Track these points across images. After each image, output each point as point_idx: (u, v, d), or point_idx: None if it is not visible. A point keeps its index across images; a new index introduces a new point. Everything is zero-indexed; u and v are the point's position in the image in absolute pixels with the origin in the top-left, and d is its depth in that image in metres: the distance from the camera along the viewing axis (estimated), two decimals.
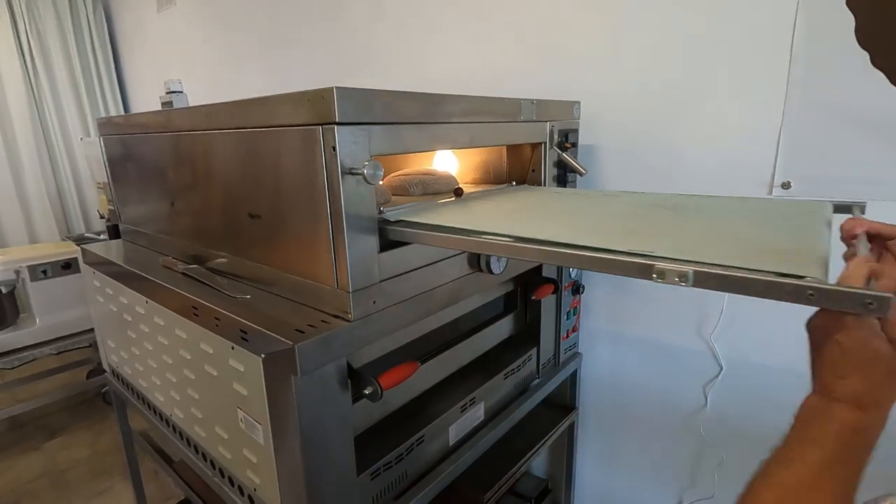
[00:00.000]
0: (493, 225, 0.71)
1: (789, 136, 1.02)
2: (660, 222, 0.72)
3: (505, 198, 0.96)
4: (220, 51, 2.48)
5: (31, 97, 2.96)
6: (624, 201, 0.88)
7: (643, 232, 0.67)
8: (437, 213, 0.81)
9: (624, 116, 1.24)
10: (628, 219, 0.75)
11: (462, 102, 0.87)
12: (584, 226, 0.72)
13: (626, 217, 0.77)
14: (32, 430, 2.41)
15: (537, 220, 0.79)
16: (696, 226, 0.69)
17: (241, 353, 0.76)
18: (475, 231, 0.68)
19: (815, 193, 1.00)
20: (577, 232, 0.66)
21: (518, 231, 0.66)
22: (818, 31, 0.95)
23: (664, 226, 0.70)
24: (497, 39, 1.44)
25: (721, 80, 1.08)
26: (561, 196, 0.97)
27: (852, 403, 0.42)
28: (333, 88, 0.64)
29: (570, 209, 0.85)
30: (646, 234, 0.65)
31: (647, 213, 0.79)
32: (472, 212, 0.84)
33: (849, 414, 0.42)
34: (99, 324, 1.37)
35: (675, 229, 0.68)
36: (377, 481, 0.85)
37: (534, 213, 0.85)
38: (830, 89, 0.96)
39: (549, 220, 0.78)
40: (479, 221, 0.75)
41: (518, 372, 1.19)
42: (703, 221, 0.71)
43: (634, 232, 0.67)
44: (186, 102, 1.95)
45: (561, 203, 0.90)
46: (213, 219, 0.97)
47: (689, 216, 0.74)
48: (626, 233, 0.66)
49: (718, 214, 0.75)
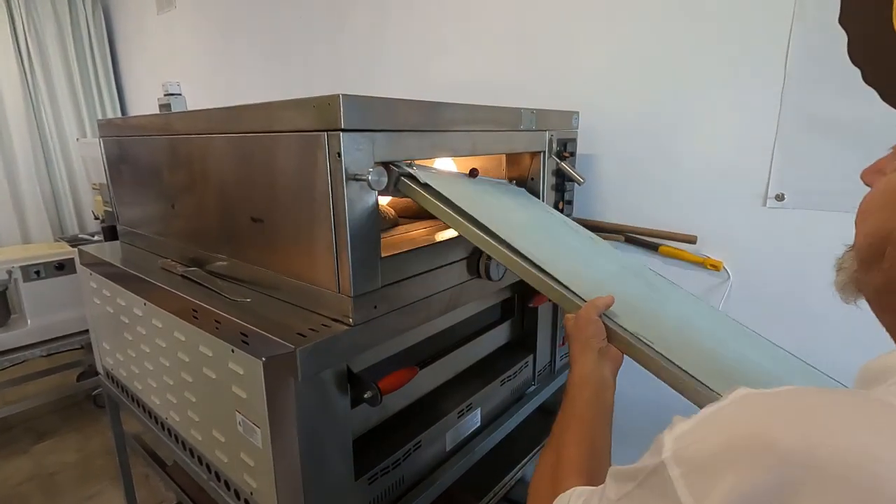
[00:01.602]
0: (512, 237, 0.78)
1: (783, 150, 1.04)
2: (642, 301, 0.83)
3: (513, 203, 1.00)
4: (219, 54, 2.49)
5: (27, 97, 2.95)
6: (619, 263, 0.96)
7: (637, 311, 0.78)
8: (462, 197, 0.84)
9: (621, 128, 1.26)
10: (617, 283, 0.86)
11: (463, 111, 0.88)
12: (589, 276, 0.82)
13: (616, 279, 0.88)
14: (21, 432, 2.38)
15: (549, 247, 0.87)
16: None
17: (242, 356, 0.76)
18: (499, 238, 0.77)
19: (808, 206, 1.02)
20: (580, 282, 0.77)
21: (533, 253, 0.76)
22: (811, 48, 0.97)
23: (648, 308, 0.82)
24: (497, 50, 1.46)
25: (717, 93, 1.10)
26: (564, 228, 1.02)
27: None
28: (339, 95, 0.64)
29: (576, 249, 0.93)
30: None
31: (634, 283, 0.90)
32: (484, 203, 0.89)
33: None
34: (94, 326, 1.36)
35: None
36: (374, 486, 0.85)
37: (544, 237, 0.91)
38: (823, 104, 0.98)
39: (559, 255, 0.85)
40: (496, 223, 0.80)
41: (514, 378, 1.19)
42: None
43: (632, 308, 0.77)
44: (184, 105, 1.95)
45: (567, 238, 0.97)
46: (214, 222, 0.97)
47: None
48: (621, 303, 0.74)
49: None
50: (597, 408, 0.63)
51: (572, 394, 0.65)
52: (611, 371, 0.67)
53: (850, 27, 0.93)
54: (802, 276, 1.06)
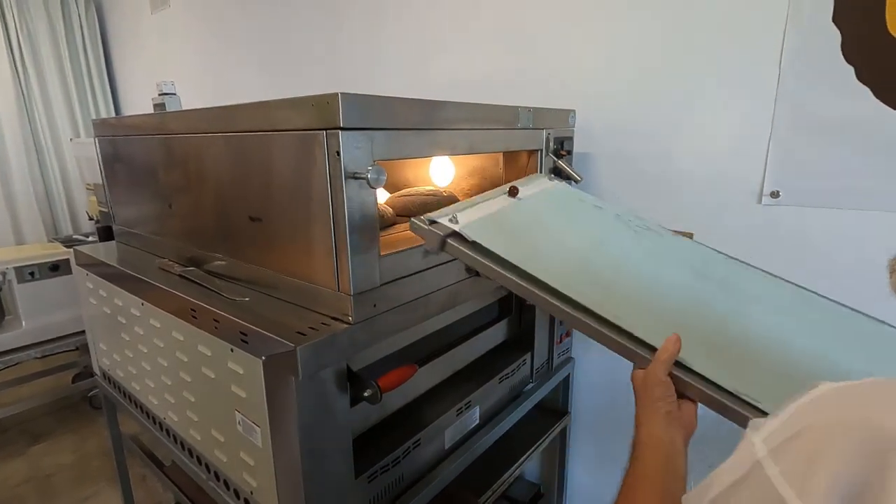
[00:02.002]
0: (568, 279, 0.70)
1: (778, 147, 1.04)
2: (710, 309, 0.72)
3: (563, 218, 0.91)
4: (213, 54, 2.48)
5: (20, 96, 2.92)
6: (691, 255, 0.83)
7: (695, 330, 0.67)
8: (512, 240, 0.77)
9: (618, 126, 1.26)
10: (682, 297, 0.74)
11: (461, 109, 0.88)
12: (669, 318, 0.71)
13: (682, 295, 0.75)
14: (16, 434, 2.36)
15: (610, 273, 0.76)
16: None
17: (241, 355, 0.76)
18: (567, 298, 0.68)
19: (803, 203, 1.03)
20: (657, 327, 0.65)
21: (589, 295, 0.68)
22: (806, 46, 0.98)
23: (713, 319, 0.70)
24: (494, 49, 1.46)
25: (712, 91, 1.11)
26: (620, 233, 0.90)
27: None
28: (338, 94, 0.65)
29: (638, 262, 0.81)
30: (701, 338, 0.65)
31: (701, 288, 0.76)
32: (532, 236, 0.81)
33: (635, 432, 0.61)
34: (91, 326, 1.36)
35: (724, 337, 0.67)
36: (374, 484, 0.86)
37: (602, 258, 0.80)
38: (817, 102, 0.99)
39: (620, 278, 0.76)
40: (556, 271, 0.72)
41: (512, 376, 1.20)
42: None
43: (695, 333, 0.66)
44: (179, 105, 1.94)
45: (626, 246, 0.86)
46: (212, 221, 0.97)
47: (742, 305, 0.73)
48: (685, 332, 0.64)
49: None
50: (666, 473, 0.57)
51: (640, 453, 0.59)
52: (682, 438, 0.60)
53: (844, 26, 0.93)
54: (798, 273, 1.07)
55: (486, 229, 0.76)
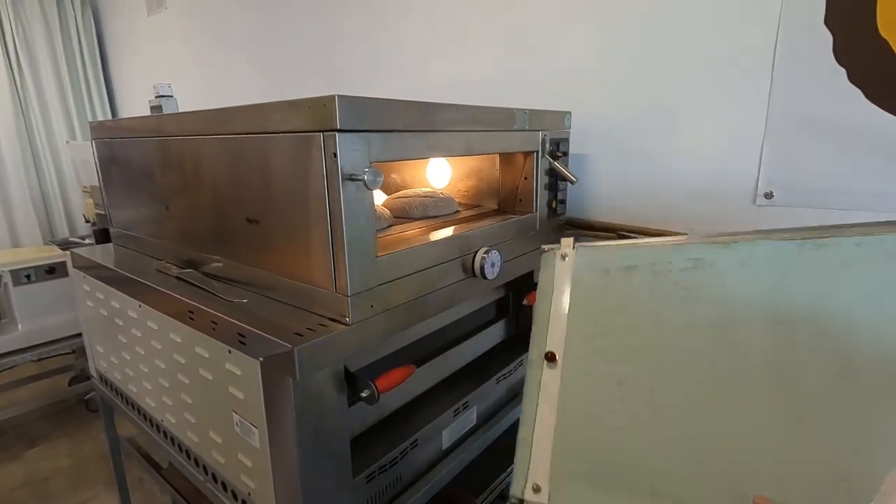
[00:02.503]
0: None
1: (771, 148, 1.05)
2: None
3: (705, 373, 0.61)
4: (210, 56, 2.48)
5: (15, 99, 2.92)
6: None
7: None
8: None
9: (613, 127, 1.27)
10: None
11: (458, 111, 0.89)
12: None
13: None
14: (12, 438, 2.35)
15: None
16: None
17: (239, 356, 0.77)
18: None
19: (797, 203, 1.04)
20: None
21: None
22: (798, 48, 0.99)
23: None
24: (490, 52, 1.47)
25: (706, 93, 1.12)
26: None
27: None
28: (335, 96, 0.65)
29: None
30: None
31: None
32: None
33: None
34: (88, 329, 1.36)
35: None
36: (372, 484, 0.86)
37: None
38: (810, 104, 1.00)
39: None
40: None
41: (510, 377, 1.20)
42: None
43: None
44: (176, 107, 1.95)
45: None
46: (209, 223, 0.97)
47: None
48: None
49: None
50: None
51: None
52: None
53: (836, 28, 0.94)
54: None
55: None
